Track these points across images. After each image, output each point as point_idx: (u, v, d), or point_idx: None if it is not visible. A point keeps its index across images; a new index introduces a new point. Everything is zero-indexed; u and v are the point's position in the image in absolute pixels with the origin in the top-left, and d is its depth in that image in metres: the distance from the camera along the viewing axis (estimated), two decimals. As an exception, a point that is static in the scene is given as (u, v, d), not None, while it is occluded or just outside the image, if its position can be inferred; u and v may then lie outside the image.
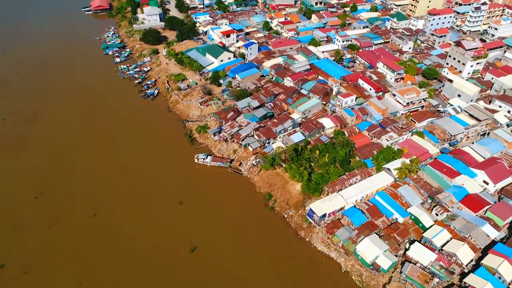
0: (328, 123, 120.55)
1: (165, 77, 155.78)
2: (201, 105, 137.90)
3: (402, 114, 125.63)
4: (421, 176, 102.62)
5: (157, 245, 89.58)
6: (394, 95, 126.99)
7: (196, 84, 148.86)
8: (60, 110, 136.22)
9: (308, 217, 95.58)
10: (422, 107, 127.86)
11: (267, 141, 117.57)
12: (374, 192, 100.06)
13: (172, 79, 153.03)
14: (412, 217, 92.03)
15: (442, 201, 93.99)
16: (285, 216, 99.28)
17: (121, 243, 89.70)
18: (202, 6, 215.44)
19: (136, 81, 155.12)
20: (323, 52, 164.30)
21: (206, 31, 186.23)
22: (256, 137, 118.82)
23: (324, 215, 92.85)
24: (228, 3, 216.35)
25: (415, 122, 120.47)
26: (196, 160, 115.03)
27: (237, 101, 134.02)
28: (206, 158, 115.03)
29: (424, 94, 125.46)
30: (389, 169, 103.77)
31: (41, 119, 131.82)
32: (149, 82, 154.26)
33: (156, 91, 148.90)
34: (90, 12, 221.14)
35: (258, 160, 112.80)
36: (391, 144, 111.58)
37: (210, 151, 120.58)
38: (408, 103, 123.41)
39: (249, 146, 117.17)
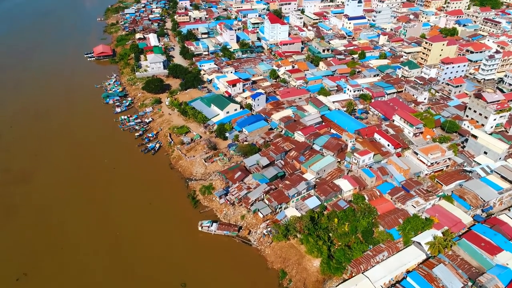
0: (345, 186, 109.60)
1: (167, 130, 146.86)
2: (205, 161, 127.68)
3: (426, 174, 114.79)
4: (457, 252, 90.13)
5: None
6: (416, 153, 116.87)
7: (201, 137, 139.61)
8: (53, 169, 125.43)
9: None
10: (447, 166, 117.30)
11: (279, 206, 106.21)
12: (404, 272, 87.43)
13: (175, 132, 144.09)
14: (453, 306, 79.01)
15: (486, 286, 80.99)
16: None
17: None
18: (207, 53, 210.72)
19: (137, 134, 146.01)
20: (334, 102, 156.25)
21: (211, 79, 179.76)
22: (266, 201, 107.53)
23: (349, 303, 79.97)
24: (234, 50, 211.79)
25: (441, 185, 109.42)
26: (200, 228, 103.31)
27: (244, 157, 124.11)
28: (211, 225, 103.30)
29: (450, 153, 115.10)
30: (419, 243, 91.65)
31: (32, 178, 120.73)
32: (150, 135, 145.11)
33: (157, 145, 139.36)
34: (92, 59, 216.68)
35: (269, 229, 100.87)
36: (418, 211, 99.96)
37: (215, 216, 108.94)
38: (432, 163, 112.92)
39: (259, 212, 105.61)
